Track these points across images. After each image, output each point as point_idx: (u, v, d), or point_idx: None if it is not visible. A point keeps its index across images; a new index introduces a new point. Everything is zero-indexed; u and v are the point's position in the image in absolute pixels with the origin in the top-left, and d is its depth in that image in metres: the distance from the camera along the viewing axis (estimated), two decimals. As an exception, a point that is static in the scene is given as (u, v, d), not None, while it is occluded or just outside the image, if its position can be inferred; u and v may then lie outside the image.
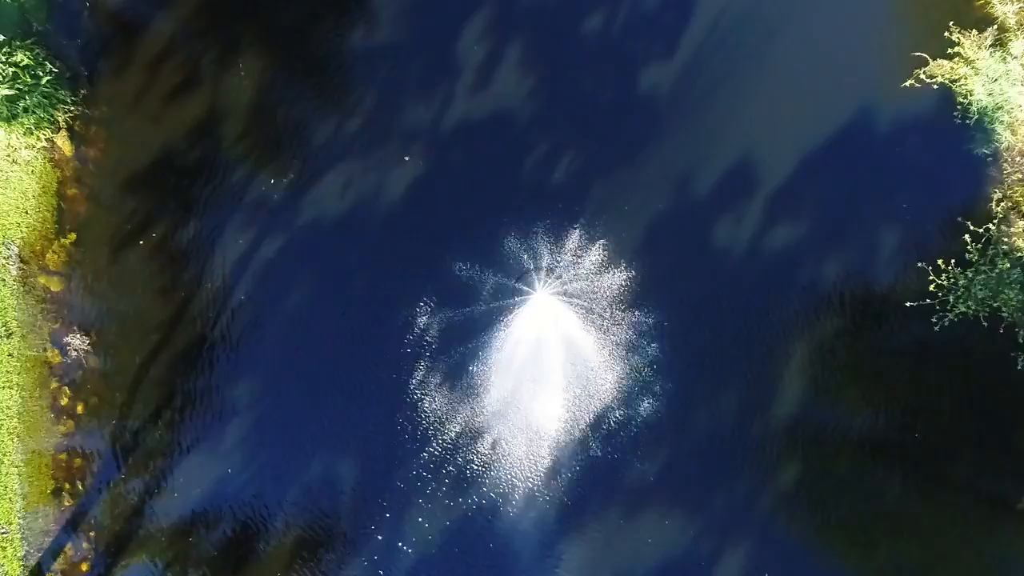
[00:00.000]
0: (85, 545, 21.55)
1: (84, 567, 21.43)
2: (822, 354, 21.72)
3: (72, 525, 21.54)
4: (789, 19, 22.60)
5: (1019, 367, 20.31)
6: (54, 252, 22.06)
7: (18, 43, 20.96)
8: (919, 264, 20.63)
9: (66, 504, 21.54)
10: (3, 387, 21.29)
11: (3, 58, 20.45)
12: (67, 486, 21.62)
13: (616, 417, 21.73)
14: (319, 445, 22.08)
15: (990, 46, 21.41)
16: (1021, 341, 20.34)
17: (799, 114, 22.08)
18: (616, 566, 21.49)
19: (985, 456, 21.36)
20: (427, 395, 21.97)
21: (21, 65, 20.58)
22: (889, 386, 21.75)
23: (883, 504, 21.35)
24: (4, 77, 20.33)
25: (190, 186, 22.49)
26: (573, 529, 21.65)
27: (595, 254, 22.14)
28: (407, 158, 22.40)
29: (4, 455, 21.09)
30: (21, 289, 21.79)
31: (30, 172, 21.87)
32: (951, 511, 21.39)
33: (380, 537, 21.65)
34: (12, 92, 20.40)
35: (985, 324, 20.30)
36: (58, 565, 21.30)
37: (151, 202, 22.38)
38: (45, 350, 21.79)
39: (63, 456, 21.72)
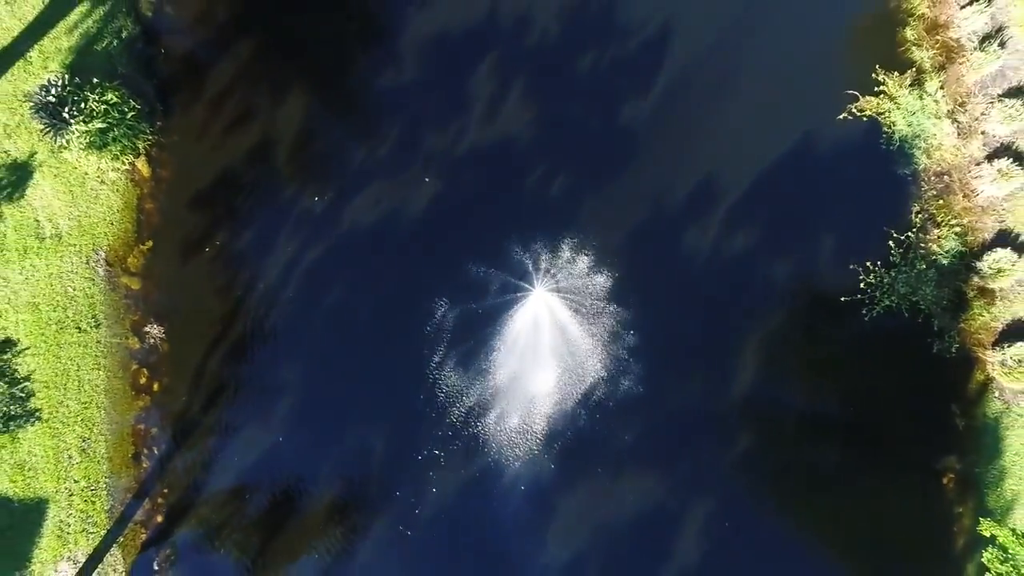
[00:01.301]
0: (160, 500, 24.24)
1: (159, 519, 24.22)
2: (773, 342, 24.23)
3: (149, 484, 24.24)
4: (744, 64, 25.17)
5: (934, 351, 23.49)
6: (134, 257, 24.75)
7: (107, 84, 23.80)
8: (851, 266, 23.52)
9: (144, 467, 24.25)
10: (93, 368, 24.25)
11: (97, 97, 23.34)
12: (144, 451, 24.34)
13: (601, 394, 24.22)
14: (352, 422, 24.39)
15: (910, 85, 24.25)
16: (936, 329, 23.52)
17: (753, 143, 24.68)
18: (600, 520, 23.85)
19: (911, 427, 23.80)
20: (442, 377, 24.34)
21: (111, 103, 23.43)
22: (830, 368, 24.29)
23: (826, 469, 23.80)
24: (98, 113, 23.21)
25: (246, 202, 25.13)
26: (563, 490, 23.97)
27: (585, 257, 24.65)
28: (427, 179, 25.09)
29: (93, 425, 24.08)
30: (107, 287, 24.48)
31: (115, 190, 24.84)
32: (884, 475, 23.67)
33: (400, 501, 24.07)
34: (104, 125, 23.33)
35: (906, 315, 23.31)
36: (138, 517, 24.13)
37: (214, 215, 25.03)
38: (127, 338, 24.53)
39: (141, 427, 24.40)
